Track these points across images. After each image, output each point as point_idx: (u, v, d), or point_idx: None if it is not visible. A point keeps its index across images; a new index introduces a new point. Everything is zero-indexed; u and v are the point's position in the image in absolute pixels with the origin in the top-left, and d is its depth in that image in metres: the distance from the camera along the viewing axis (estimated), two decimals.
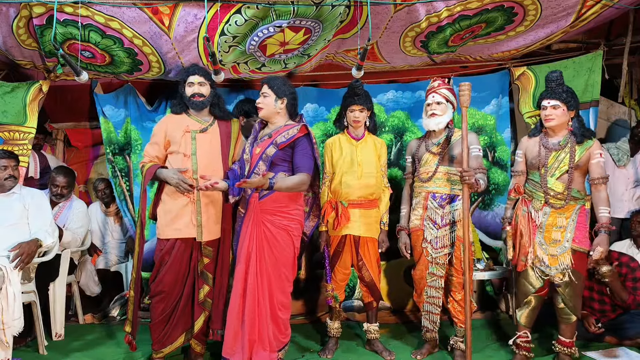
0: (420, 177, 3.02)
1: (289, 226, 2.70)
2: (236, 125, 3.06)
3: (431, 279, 2.97)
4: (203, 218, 2.80)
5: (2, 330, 2.57)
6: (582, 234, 2.75)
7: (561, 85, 2.76)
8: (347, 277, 3.13)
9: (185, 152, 2.84)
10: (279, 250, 2.68)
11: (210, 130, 2.92)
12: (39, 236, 2.96)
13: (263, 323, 2.66)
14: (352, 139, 3.11)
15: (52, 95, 3.87)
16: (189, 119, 2.92)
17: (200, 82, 2.90)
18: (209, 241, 2.83)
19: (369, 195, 3.05)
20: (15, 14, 2.94)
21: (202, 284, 2.85)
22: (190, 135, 2.86)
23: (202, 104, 2.91)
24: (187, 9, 2.88)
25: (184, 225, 2.79)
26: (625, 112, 4.51)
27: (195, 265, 2.85)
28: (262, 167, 2.69)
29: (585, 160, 2.74)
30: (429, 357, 3.05)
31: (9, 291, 2.61)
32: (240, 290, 2.68)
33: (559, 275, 2.74)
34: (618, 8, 3.16)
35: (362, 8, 2.95)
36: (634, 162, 4.06)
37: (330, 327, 3.13)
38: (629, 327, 3.14)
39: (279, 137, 2.68)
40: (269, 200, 2.68)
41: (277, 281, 2.69)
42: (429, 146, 3.02)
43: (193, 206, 2.80)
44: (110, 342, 3.34)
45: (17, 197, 3.09)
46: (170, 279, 2.78)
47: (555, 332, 2.94)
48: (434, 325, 3.02)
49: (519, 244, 2.86)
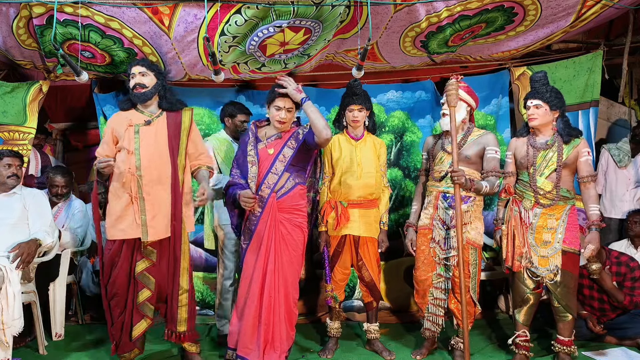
0: (433, 176, 3.01)
1: (302, 224, 2.82)
2: (187, 115, 2.87)
3: (437, 280, 2.97)
4: (148, 217, 2.66)
5: (2, 330, 2.57)
6: (573, 234, 2.78)
7: (545, 85, 2.81)
8: (346, 278, 3.13)
9: (129, 148, 2.69)
10: (294, 248, 2.78)
11: (156, 123, 2.77)
12: (39, 236, 2.95)
13: (277, 324, 2.73)
14: (351, 139, 3.10)
15: (52, 95, 3.88)
16: (136, 113, 2.79)
17: (141, 72, 2.76)
18: (153, 242, 2.70)
19: (369, 195, 3.04)
20: (15, 14, 2.94)
21: (141, 287, 2.71)
22: (133, 129, 2.71)
23: (143, 95, 2.75)
24: (187, 9, 2.88)
25: (127, 226, 2.66)
26: (625, 112, 4.52)
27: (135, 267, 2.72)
28: (279, 168, 2.77)
29: (573, 159, 2.77)
30: (429, 357, 3.05)
31: (9, 291, 2.61)
32: (258, 289, 2.72)
33: (550, 275, 2.77)
34: (618, 8, 3.16)
35: (362, 8, 2.94)
36: (635, 162, 4.06)
37: (330, 328, 3.13)
38: (629, 327, 3.15)
39: (292, 139, 2.81)
40: (287, 198, 2.78)
41: (292, 278, 2.79)
42: (445, 144, 2.98)
43: (136, 205, 2.66)
44: (110, 342, 3.33)
45: (17, 197, 3.08)
46: (122, 281, 2.71)
47: (554, 332, 2.94)
48: (437, 327, 3.01)
49: (512, 245, 2.87)
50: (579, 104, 3.82)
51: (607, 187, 4.15)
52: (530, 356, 2.91)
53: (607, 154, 4.12)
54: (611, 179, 4.11)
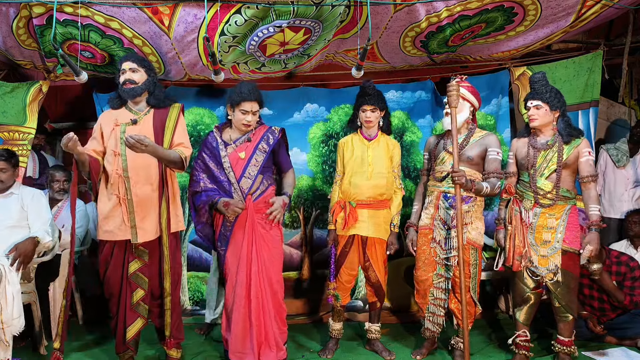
0: (434, 176, 3.00)
1: (278, 221, 2.85)
2: (175, 111, 2.78)
3: (438, 280, 2.97)
4: (137, 218, 2.63)
5: (1, 329, 2.57)
6: (573, 234, 2.78)
7: (544, 85, 2.82)
8: (353, 279, 3.10)
9: (115, 150, 2.63)
10: (274, 246, 2.83)
11: (143, 121, 2.70)
12: (37, 234, 2.91)
13: (269, 323, 2.75)
14: (364, 139, 3.08)
15: (52, 95, 3.87)
16: (124, 112, 2.74)
17: (131, 68, 2.69)
18: (144, 242, 2.67)
19: (379, 196, 3.01)
20: (15, 14, 2.94)
21: (135, 287, 2.71)
22: (120, 130, 2.66)
23: (133, 91, 2.68)
24: (187, 9, 2.88)
25: (115, 227, 2.64)
26: (625, 112, 4.52)
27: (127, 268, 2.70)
28: (252, 172, 2.80)
29: (574, 159, 2.77)
30: (429, 357, 3.05)
31: (8, 290, 2.59)
32: (244, 292, 2.73)
33: (550, 275, 2.77)
34: (618, 8, 3.16)
35: (362, 8, 2.94)
36: (634, 162, 4.06)
37: (332, 328, 3.12)
38: (629, 327, 3.15)
39: (263, 143, 2.84)
40: (262, 199, 2.82)
41: (276, 276, 2.83)
42: (447, 145, 2.98)
43: (124, 206, 2.63)
44: (110, 342, 3.34)
45: (15, 197, 3.05)
46: (115, 281, 2.71)
47: (554, 332, 2.94)
48: (437, 327, 3.01)
49: (513, 244, 2.87)
50: (578, 104, 3.82)
51: (605, 187, 4.15)
52: (530, 356, 2.91)
53: (605, 154, 4.12)
54: (610, 179, 4.11)
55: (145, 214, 2.66)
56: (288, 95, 4.08)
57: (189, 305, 3.91)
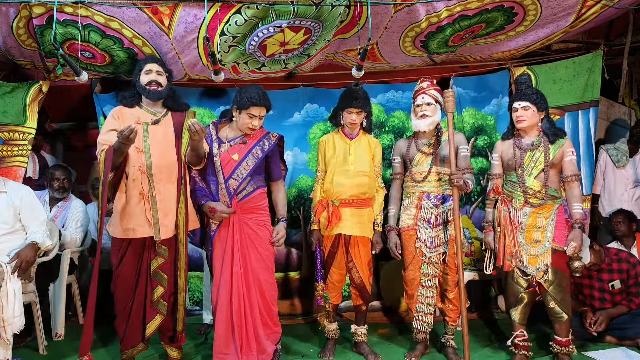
0: (413, 178, 3.02)
1: (267, 221, 2.87)
2: (190, 116, 2.83)
3: (425, 279, 2.98)
4: (160, 215, 2.65)
5: (2, 327, 2.57)
6: (562, 233, 2.81)
7: (530, 87, 2.90)
8: (343, 278, 3.09)
9: (138, 146, 2.66)
10: (263, 246, 2.81)
11: (164, 122, 2.77)
12: (36, 239, 2.89)
13: (250, 326, 2.73)
14: (346, 138, 3.08)
15: (52, 95, 3.87)
16: (141, 111, 2.77)
17: (158, 71, 2.78)
18: (164, 240, 2.69)
19: (361, 195, 3.00)
20: (15, 14, 2.95)
21: (155, 284, 2.72)
22: (142, 127, 2.69)
23: (159, 94, 2.75)
24: (187, 9, 2.89)
25: (137, 224, 2.63)
26: (625, 112, 4.52)
27: (147, 265, 2.71)
28: (241, 174, 2.79)
29: (559, 158, 2.83)
30: (422, 358, 3.04)
31: (9, 288, 2.60)
32: (227, 293, 2.73)
33: (540, 274, 2.80)
34: (618, 8, 3.17)
35: (362, 8, 2.95)
36: (634, 162, 4.06)
37: (327, 330, 3.11)
38: (629, 327, 3.15)
39: (257, 148, 2.83)
40: (249, 200, 2.81)
41: (266, 276, 2.80)
42: (420, 146, 3.03)
43: (147, 203, 2.64)
44: (110, 342, 3.34)
45: (4, 196, 2.93)
46: (126, 276, 2.69)
47: (552, 333, 2.94)
48: (426, 326, 3.01)
49: (503, 245, 2.89)
50: (578, 104, 3.83)
51: (605, 188, 4.15)
52: (530, 356, 2.91)
53: (605, 154, 4.12)
54: (609, 179, 4.12)
55: (167, 211, 2.67)
56: (288, 95, 4.08)
57: (188, 305, 3.91)
